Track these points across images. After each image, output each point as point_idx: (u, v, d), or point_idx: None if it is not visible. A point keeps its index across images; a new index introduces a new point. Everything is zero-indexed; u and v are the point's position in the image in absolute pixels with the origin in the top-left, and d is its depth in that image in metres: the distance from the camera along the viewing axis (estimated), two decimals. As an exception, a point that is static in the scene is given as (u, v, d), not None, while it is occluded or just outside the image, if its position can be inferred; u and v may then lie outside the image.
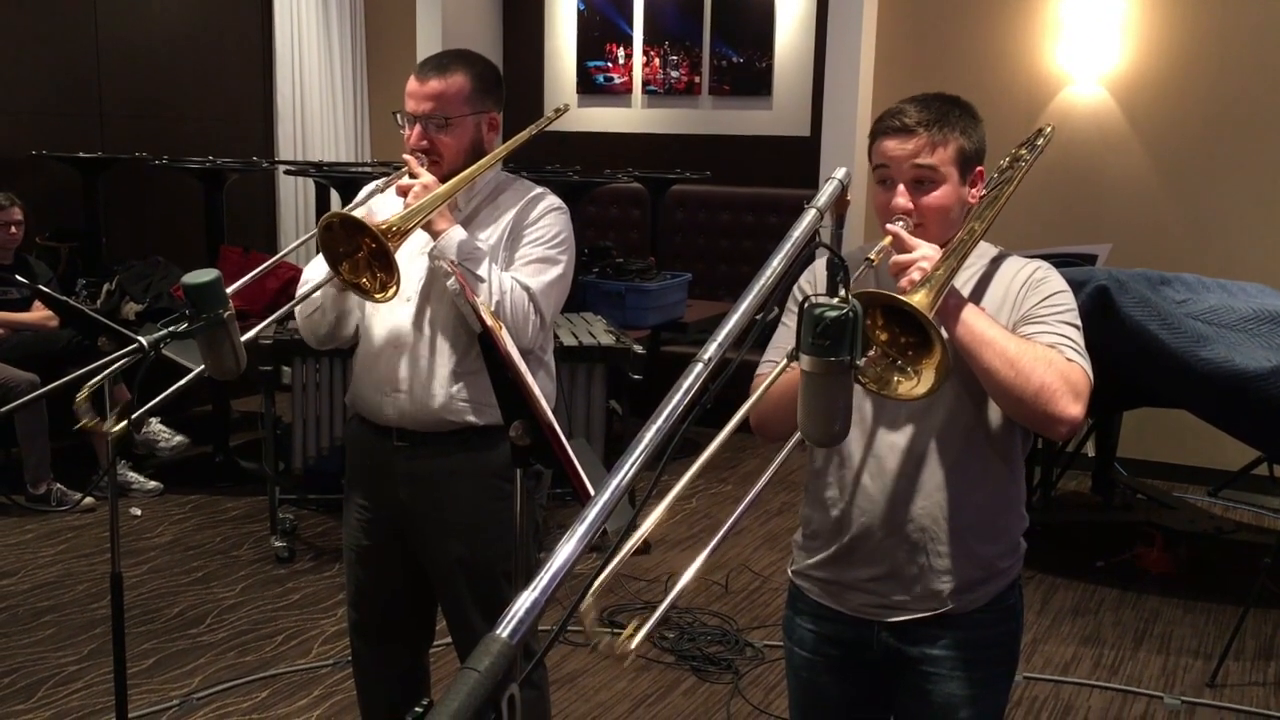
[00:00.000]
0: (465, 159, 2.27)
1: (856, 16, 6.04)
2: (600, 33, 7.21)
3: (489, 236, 2.29)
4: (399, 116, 2.30)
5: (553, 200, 2.35)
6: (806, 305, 1.32)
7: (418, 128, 2.25)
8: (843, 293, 1.34)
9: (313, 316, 2.34)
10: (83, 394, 2.02)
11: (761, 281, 1.23)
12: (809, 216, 1.36)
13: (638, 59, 7.13)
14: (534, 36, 7.45)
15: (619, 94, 7.21)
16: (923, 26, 6.02)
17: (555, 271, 2.28)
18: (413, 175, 2.21)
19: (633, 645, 1.18)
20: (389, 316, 2.31)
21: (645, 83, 7.13)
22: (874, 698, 1.93)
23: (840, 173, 1.48)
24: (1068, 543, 4.66)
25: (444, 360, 2.27)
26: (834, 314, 1.29)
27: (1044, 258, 1.94)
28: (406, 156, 2.24)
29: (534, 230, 2.30)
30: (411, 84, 2.26)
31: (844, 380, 1.33)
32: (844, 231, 1.57)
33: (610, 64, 7.21)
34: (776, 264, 1.26)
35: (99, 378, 2.03)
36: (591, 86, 7.27)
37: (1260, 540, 4.67)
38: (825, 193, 1.44)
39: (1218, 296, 3.97)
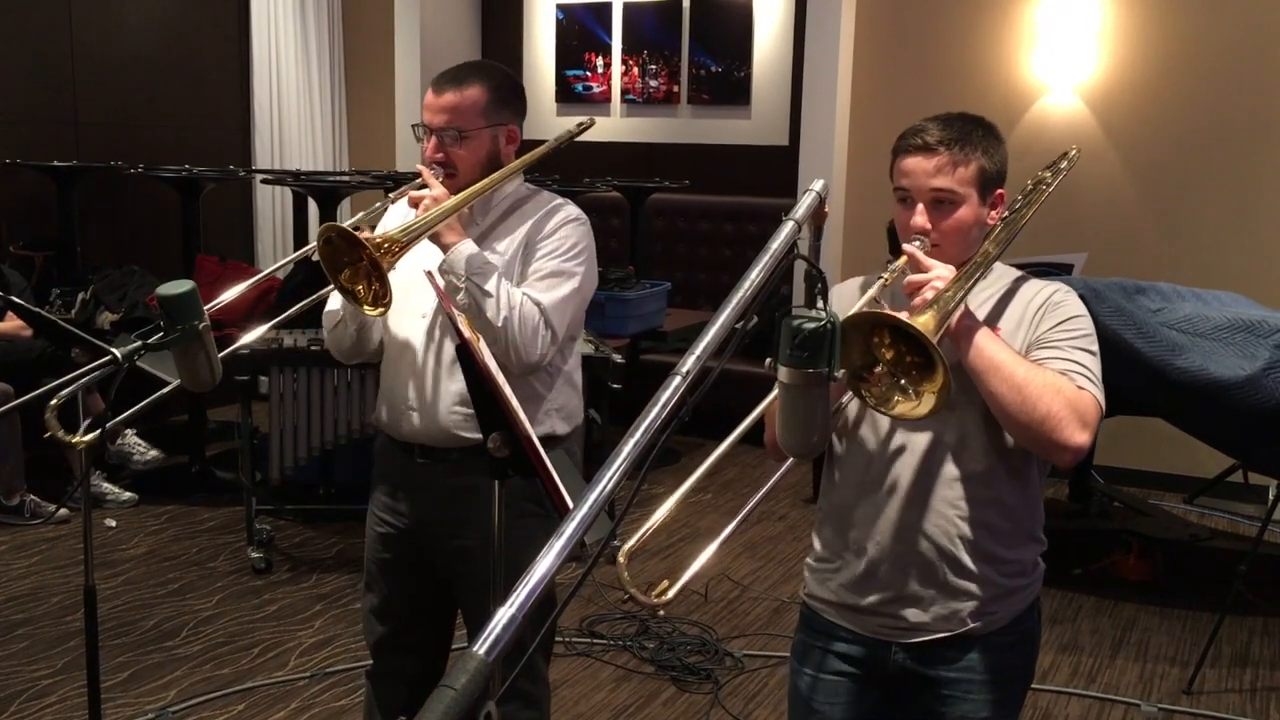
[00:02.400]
0: (481, 172, 2.23)
1: (834, 26, 6.07)
2: (579, 42, 7.22)
3: (505, 249, 2.25)
4: (416, 130, 2.28)
5: (571, 210, 2.30)
6: (784, 317, 1.32)
7: (434, 140, 2.22)
8: (820, 304, 1.34)
9: (336, 330, 2.33)
10: (53, 405, 2.00)
11: (740, 294, 1.23)
12: (787, 228, 1.36)
13: (616, 68, 7.14)
14: (513, 46, 7.44)
15: (598, 103, 7.21)
16: (900, 36, 6.06)
17: (570, 286, 2.23)
18: (426, 186, 2.19)
19: (669, 596, 1.20)
20: (405, 332, 2.28)
21: (624, 92, 7.14)
22: (885, 717, 1.91)
23: (818, 184, 1.48)
24: (1045, 551, 4.68)
25: (456, 377, 2.22)
26: (812, 325, 1.29)
27: (1020, 267, 1.95)
28: (421, 167, 2.22)
29: (549, 243, 2.24)
30: (428, 96, 2.23)
31: (821, 392, 1.33)
32: (822, 243, 1.58)
33: (589, 73, 7.21)
34: (755, 276, 1.26)
35: (69, 389, 2.01)
36: (570, 95, 7.27)
37: (1235, 547, 4.70)
38: (803, 204, 1.44)
39: (1192, 305, 4.00)
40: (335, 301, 2.32)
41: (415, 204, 2.18)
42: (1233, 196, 5.41)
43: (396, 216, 2.30)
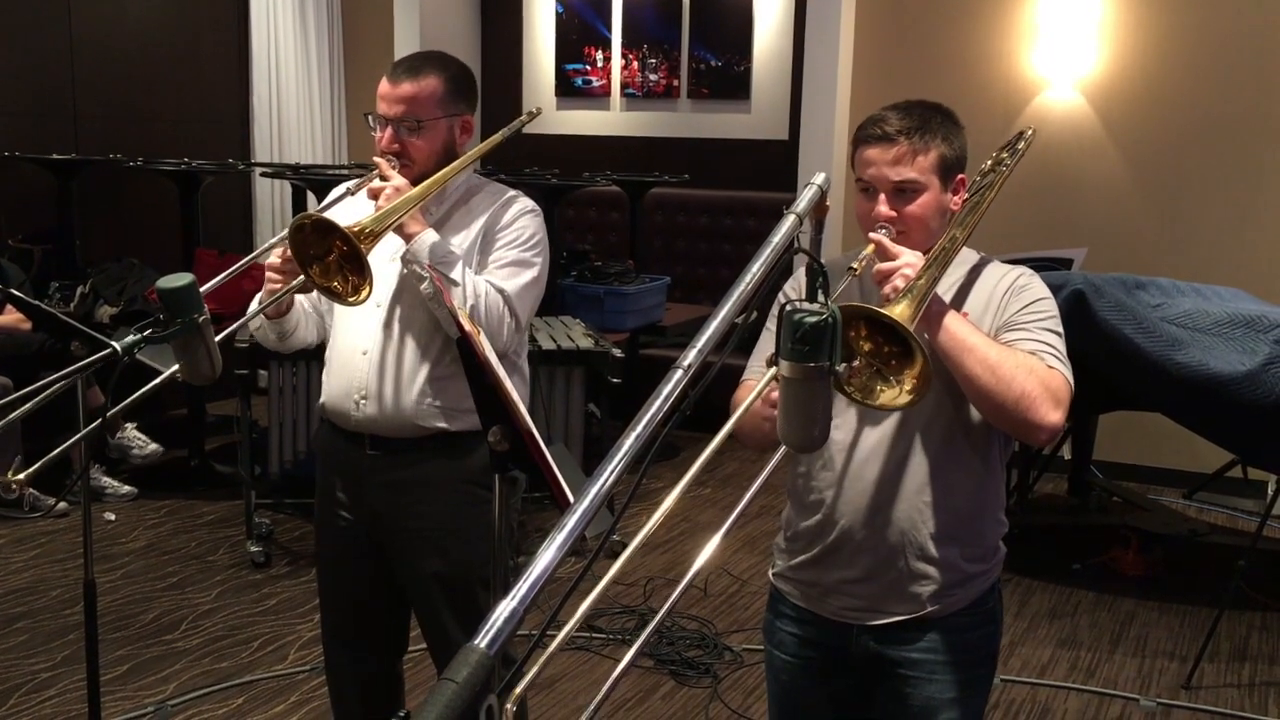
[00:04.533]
0: (437, 162, 2.25)
1: (834, 20, 6.06)
2: (579, 36, 7.21)
3: (462, 240, 2.27)
4: (370, 119, 2.28)
5: (526, 203, 2.33)
6: (786, 311, 1.31)
7: (389, 130, 2.23)
8: (822, 298, 1.33)
9: (259, 332, 2.34)
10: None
11: (741, 287, 1.23)
12: (788, 222, 1.35)
13: (616, 62, 7.13)
14: (512, 39, 7.44)
15: (597, 97, 7.21)
16: (900, 31, 6.05)
17: (530, 274, 2.27)
18: (384, 178, 2.19)
19: None
20: (359, 322, 2.28)
21: (624, 86, 7.13)
22: (854, 701, 1.94)
23: (819, 178, 1.48)
24: (1044, 545, 4.69)
25: (415, 366, 2.25)
26: (813, 319, 1.29)
27: (1020, 262, 1.95)
28: (377, 159, 2.22)
29: (508, 233, 2.28)
30: (383, 86, 2.24)
31: (823, 386, 1.32)
32: (823, 237, 1.57)
33: (589, 67, 7.20)
34: (756, 269, 1.26)
35: (66, 382, 2.00)
36: (570, 89, 7.26)
37: (1234, 542, 4.71)
38: (804, 198, 1.44)
39: (1192, 300, 4.00)
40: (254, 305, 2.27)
41: (375, 195, 2.17)
42: (1233, 191, 5.40)
43: (344, 209, 2.26)
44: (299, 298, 2.31)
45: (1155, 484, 5.49)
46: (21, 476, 2.04)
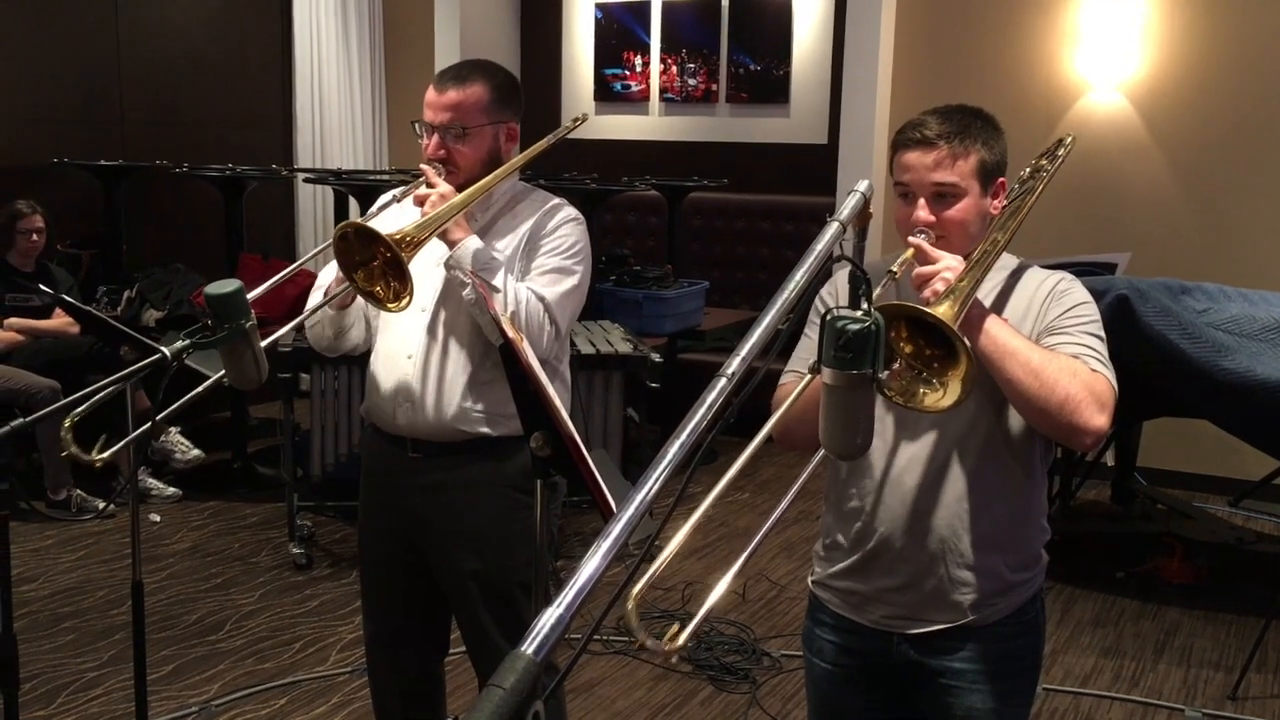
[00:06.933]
0: (483, 169, 2.27)
1: (874, 24, 6.04)
2: (618, 41, 7.23)
3: (506, 246, 2.29)
4: (417, 126, 2.30)
5: (570, 211, 2.35)
6: (828, 318, 1.31)
7: (435, 137, 2.25)
8: (865, 305, 1.33)
9: (315, 328, 2.36)
10: (66, 424, 1.99)
11: (784, 295, 1.22)
12: (831, 229, 1.35)
13: (655, 67, 7.14)
14: (552, 45, 7.47)
15: (636, 102, 7.22)
16: (941, 34, 6.02)
17: (571, 282, 2.28)
18: (430, 185, 2.21)
19: (679, 642, 1.18)
20: (403, 326, 2.30)
21: (663, 90, 7.14)
22: (894, 710, 1.93)
23: (863, 185, 1.47)
24: (1087, 553, 4.64)
25: (458, 371, 2.27)
26: (856, 326, 1.28)
27: (1063, 266, 1.93)
28: (424, 166, 2.24)
29: (551, 240, 2.29)
30: (430, 94, 2.26)
31: (866, 393, 1.32)
32: (865, 244, 1.57)
33: (628, 72, 7.22)
34: (799, 277, 1.26)
35: (116, 387, 2.03)
36: (609, 94, 7.28)
37: (1282, 551, 4.64)
38: (848, 205, 1.44)
39: (1239, 306, 3.94)
40: (316, 298, 2.30)
41: (421, 202, 2.19)
42: (1278, 195, 5.32)
43: (390, 216, 2.27)
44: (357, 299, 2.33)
45: (1200, 491, 5.42)
46: (105, 455, 2.04)
